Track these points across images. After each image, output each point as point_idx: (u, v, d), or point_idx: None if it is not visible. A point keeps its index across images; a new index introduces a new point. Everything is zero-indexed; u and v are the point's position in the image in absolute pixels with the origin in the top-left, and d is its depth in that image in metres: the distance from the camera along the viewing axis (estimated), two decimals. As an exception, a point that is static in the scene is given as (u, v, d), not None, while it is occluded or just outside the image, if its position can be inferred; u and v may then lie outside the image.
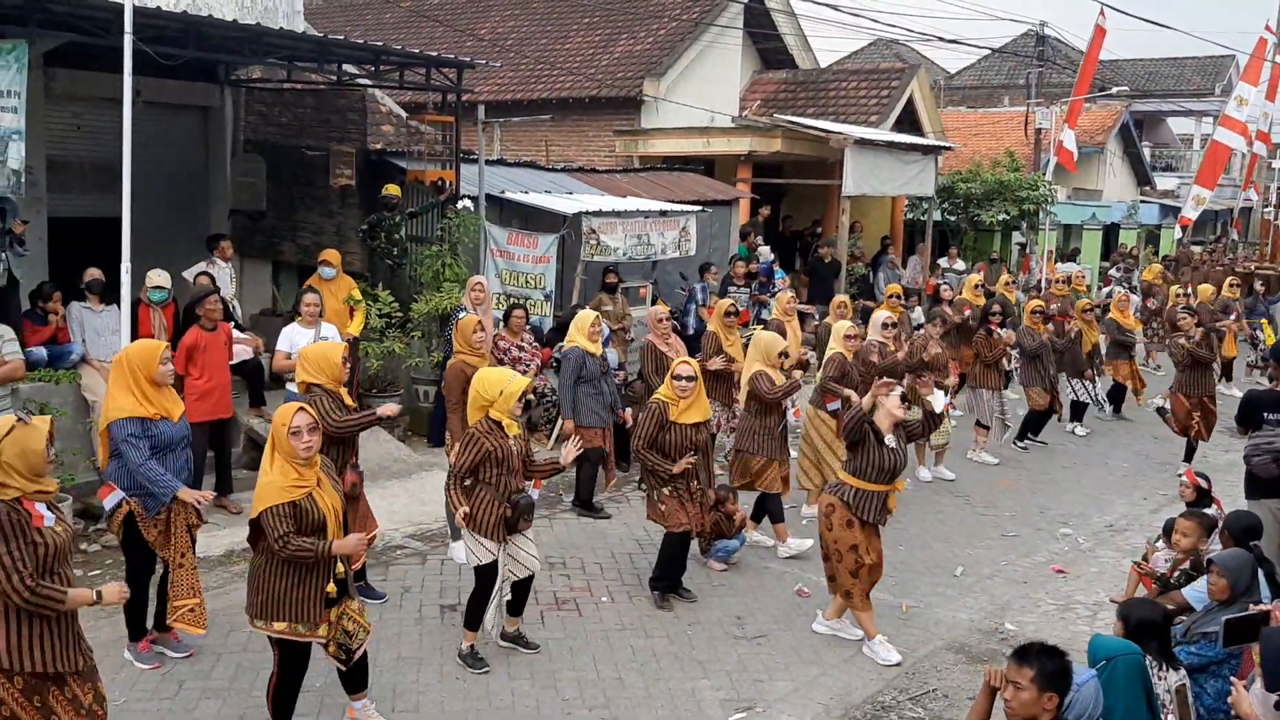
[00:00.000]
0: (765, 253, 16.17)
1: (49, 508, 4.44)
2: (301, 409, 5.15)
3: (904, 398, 6.81)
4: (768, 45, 22.02)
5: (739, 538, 8.31)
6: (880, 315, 10.28)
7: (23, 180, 8.31)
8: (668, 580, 7.53)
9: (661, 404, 7.23)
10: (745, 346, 9.42)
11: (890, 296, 12.71)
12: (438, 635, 6.89)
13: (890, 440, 6.72)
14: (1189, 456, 11.43)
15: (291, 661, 5.31)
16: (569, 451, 6.49)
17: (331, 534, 5.13)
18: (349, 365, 6.80)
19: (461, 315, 9.24)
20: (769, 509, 8.58)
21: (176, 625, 6.24)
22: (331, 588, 5.15)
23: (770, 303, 13.75)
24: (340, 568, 5.19)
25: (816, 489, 9.02)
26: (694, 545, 7.90)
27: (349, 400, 6.74)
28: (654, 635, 7.02)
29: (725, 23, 20.11)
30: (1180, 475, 8.52)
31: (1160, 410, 11.47)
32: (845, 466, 6.86)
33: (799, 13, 22.18)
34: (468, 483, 6.26)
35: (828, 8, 19.18)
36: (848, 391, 8.99)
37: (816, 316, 14.20)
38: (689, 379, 7.21)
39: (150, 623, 6.42)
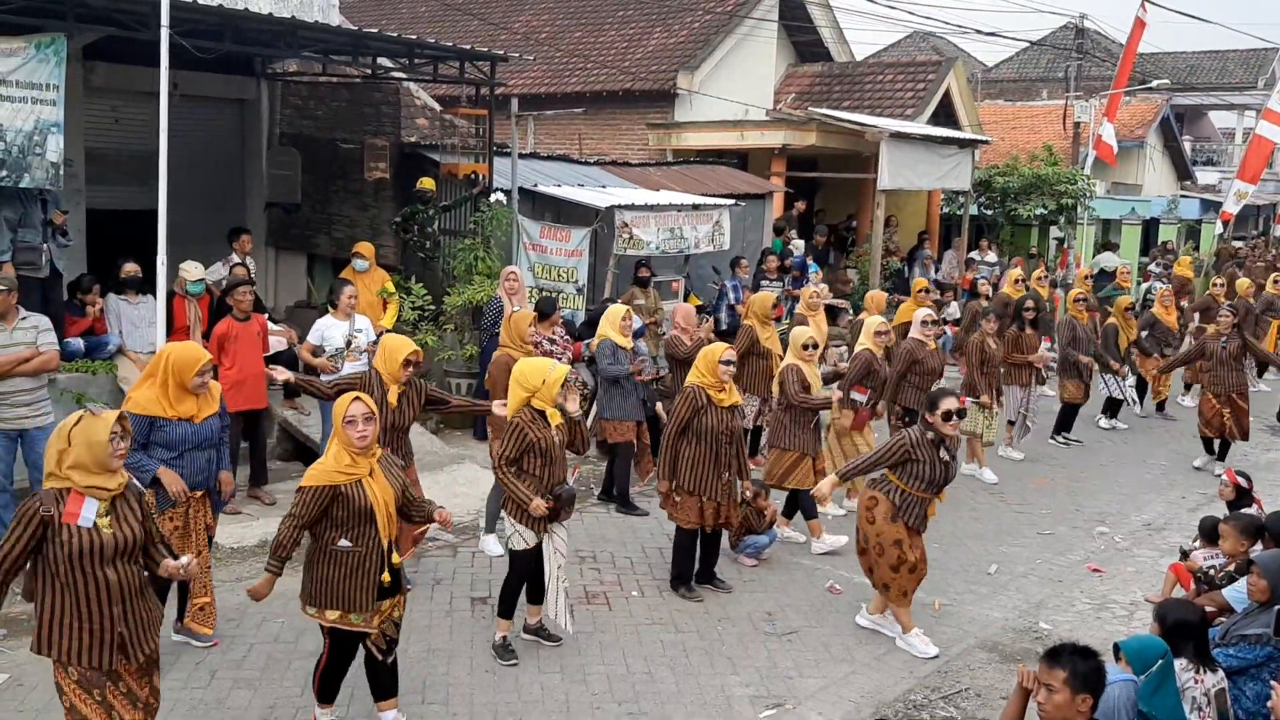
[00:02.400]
0: (799, 247, 16.08)
1: (114, 505, 4.45)
2: (358, 398, 5.19)
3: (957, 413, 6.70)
4: (802, 38, 21.88)
5: (770, 534, 8.28)
6: (921, 313, 10.19)
7: (61, 172, 8.41)
8: (682, 576, 7.53)
9: (697, 389, 7.22)
10: (783, 341, 9.38)
11: (919, 291, 12.58)
12: (468, 628, 6.90)
13: (945, 454, 6.68)
14: (1223, 455, 11.25)
15: (341, 649, 5.33)
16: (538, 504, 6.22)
17: (381, 526, 5.13)
18: (412, 369, 6.85)
19: (515, 309, 9.21)
20: (802, 505, 8.54)
21: (189, 625, 6.32)
22: (386, 577, 5.16)
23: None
24: (396, 558, 5.20)
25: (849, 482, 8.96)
26: (725, 539, 7.89)
27: (392, 396, 6.77)
28: (684, 630, 7.00)
29: (760, 15, 20.00)
30: (1220, 474, 8.39)
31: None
32: (892, 469, 6.81)
33: (834, 5, 22.02)
34: (512, 470, 6.26)
35: None
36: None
37: (850, 311, 14.09)
38: (729, 363, 7.24)
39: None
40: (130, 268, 9.35)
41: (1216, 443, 11.30)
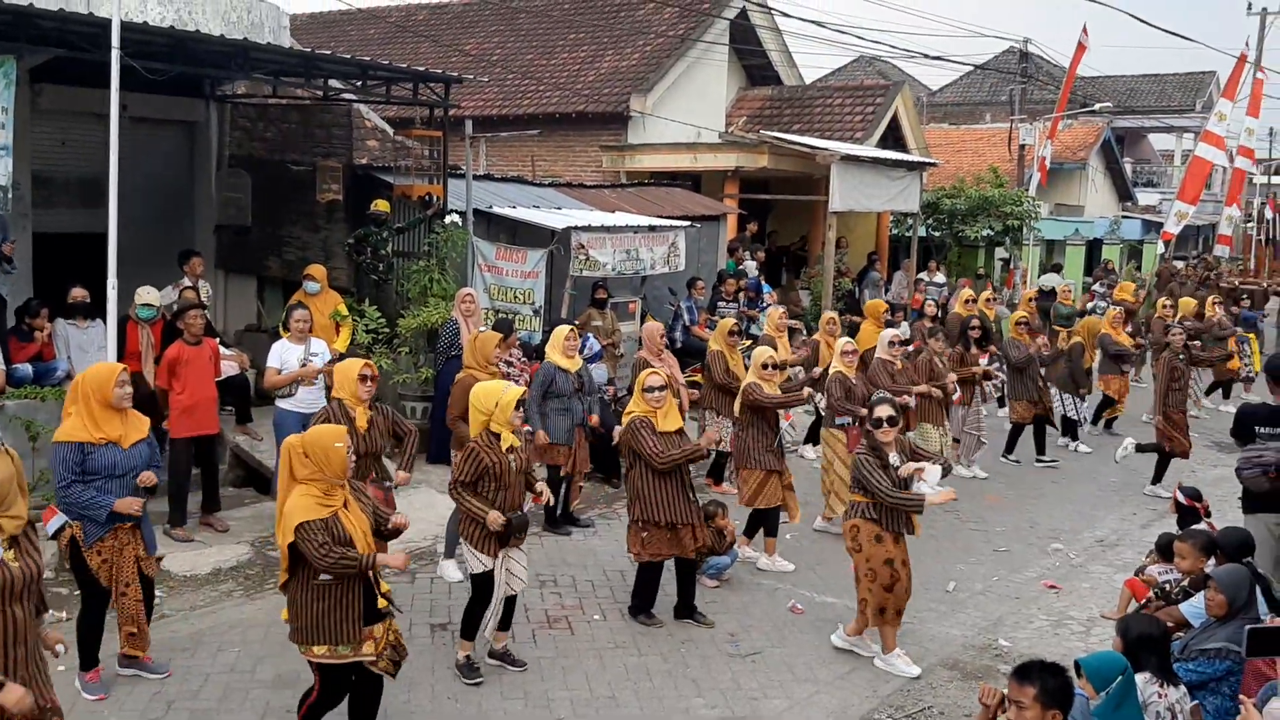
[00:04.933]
0: (751, 268, 16.18)
1: (12, 540, 4.18)
2: (342, 429, 5.16)
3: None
4: (753, 62, 22.09)
5: (730, 554, 8.28)
6: (888, 333, 10.30)
7: (8, 196, 8.24)
8: (644, 605, 7.48)
9: (642, 419, 7.19)
10: (745, 363, 9.42)
11: (882, 313, 12.69)
12: (428, 655, 6.81)
13: (895, 459, 6.74)
14: (1158, 476, 11.39)
15: (332, 684, 5.22)
16: (494, 516, 6.19)
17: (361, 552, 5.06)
18: (371, 384, 6.80)
19: (480, 330, 9.15)
20: (766, 522, 8.55)
21: (125, 651, 6.19)
22: (383, 602, 5.10)
23: (760, 318, 13.74)
24: (385, 585, 5.12)
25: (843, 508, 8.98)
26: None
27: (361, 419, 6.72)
28: (647, 653, 6.97)
29: (711, 39, 20.16)
30: (1167, 493, 8.53)
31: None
32: (854, 488, 6.86)
33: (784, 29, 22.29)
34: (467, 492, 6.22)
35: (813, 24, 19.29)
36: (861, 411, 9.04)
37: (804, 332, 14.19)
38: (660, 389, 7.22)
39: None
40: (78, 293, 9.20)
41: (1163, 462, 11.51)
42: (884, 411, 6.75)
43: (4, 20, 8.03)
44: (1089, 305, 19.92)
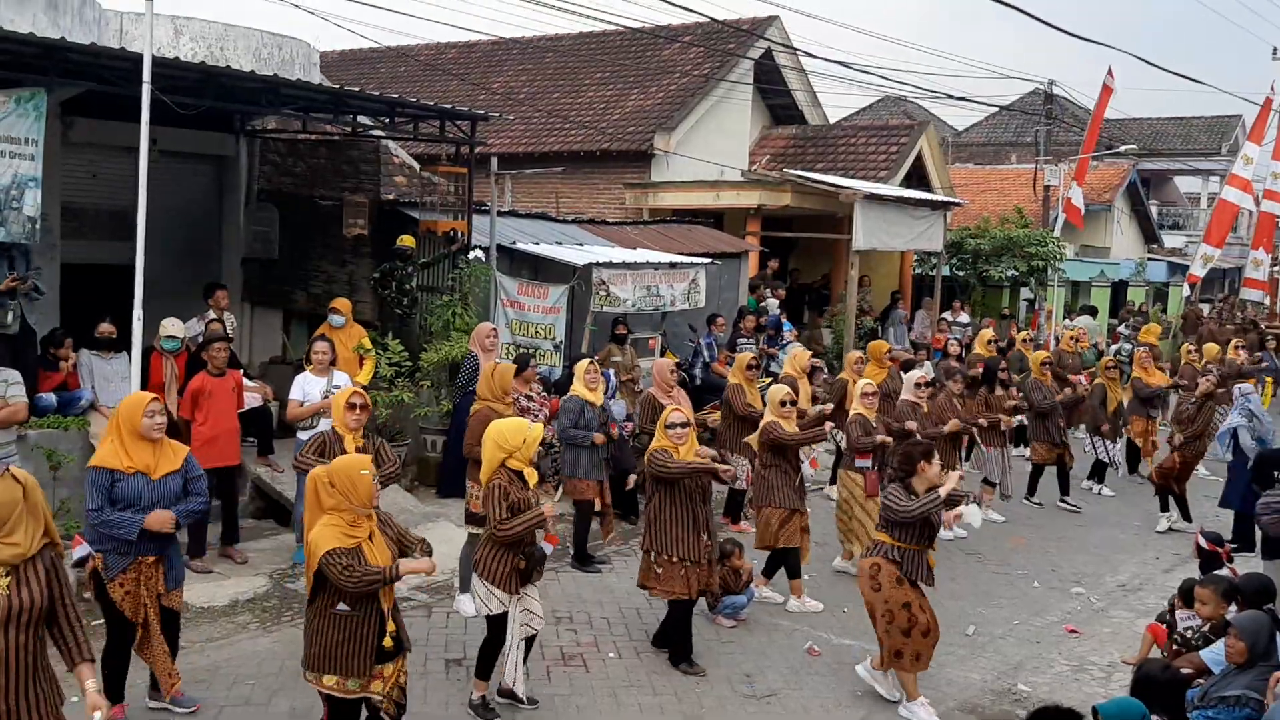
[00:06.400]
0: (773, 305, 16.19)
1: (17, 570, 4.13)
2: (368, 458, 5.23)
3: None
4: (777, 101, 22.22)
5: (747, 593, 8.23)
6: (914, 374, 10.26)
7: (38, 227, 8.36)
8: (685, 652, 7.36)
9: (664, 452, 7.18)
10: (763, 399, 9.41)
11: (885, 354, 12.56)
12: (443, 690, 6.79)
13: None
14: (1165, 505, 11.49)
15: (338, 716, 5.20)
16: (548, 507, 6.25)
17: (381, 590, 5.05)
18: (364, 412, 6.85)
19: (498, 362, 9.19)
20: (787, 564, 8.49)
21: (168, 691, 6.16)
22: (388, 641, 5.08)
23: (780, 355, 13.73)
24: (392, 624, 5.12)
25: (861, 549, 8.91)
26: (701, 601, 7.83)
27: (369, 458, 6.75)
28: (661, 693, 6.92)
29: (736, 79, 20.31)
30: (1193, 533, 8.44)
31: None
32: (881, 527, 6.81)
33: (809, 69, 22.40)
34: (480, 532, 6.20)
35: (838, 65, 19.37)
36: (881, 437, 9.01)
37: (825, 370, 14.15)
38: (683, 425, 7.21)
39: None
40: (105, 328, 9.29)
41: (1170, 498, 11.48)
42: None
43: (35, 53, 8.18)
44: (1115, 348, 19.79)
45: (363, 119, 12.20)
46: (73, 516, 7.94)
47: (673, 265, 13.64)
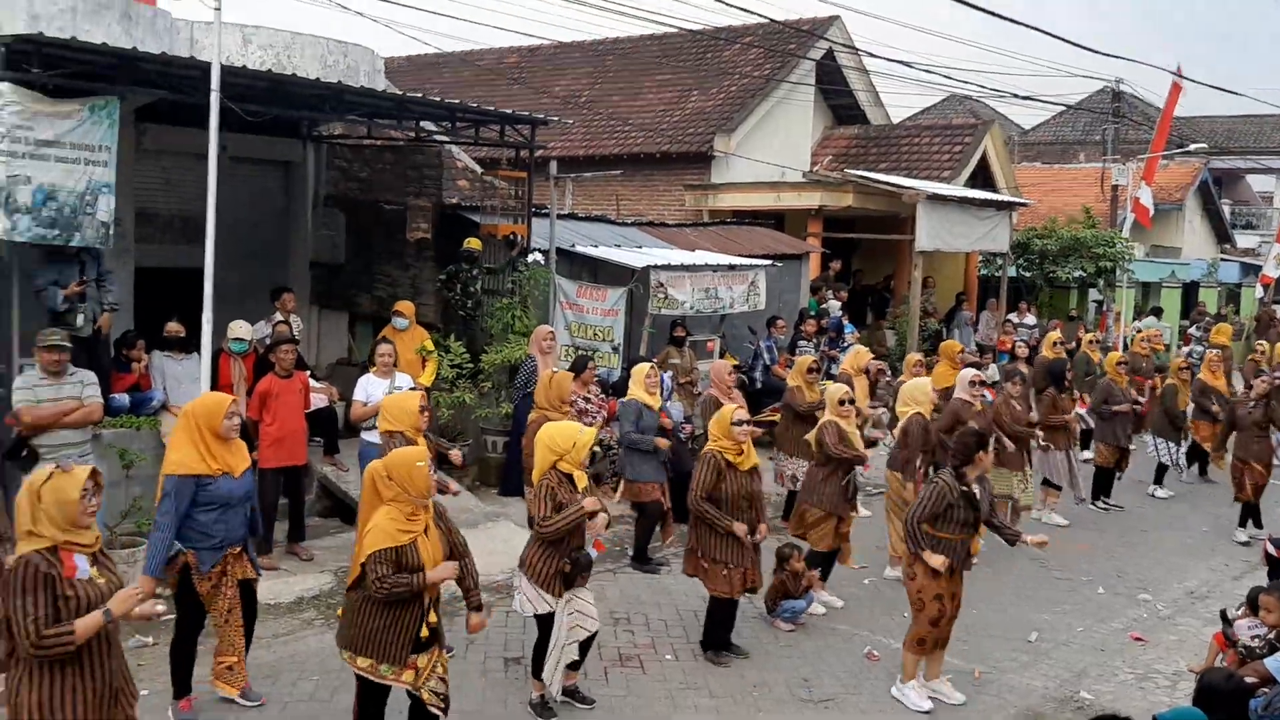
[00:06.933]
0: (834, 307, 16.10)
1: (94, 559, 4.35)
2: (424, 450, 5.34)
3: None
4: (840, 101, 22.10)
5: (806, 597, 8.20)
6: (968, 373, 10.16)
7: (111, 232, 8.59)
8: (716, 641, 7.47)
9: (716, 453, 7.20)
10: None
11: (957, 354, 12.45)
12: (502, 688, 6.87)
13: (978, 490, 6.71)
14: (1244, 519, 11.20)
15: (370, 699, 5.33)
16: (590, 501, 6.29)
17: None
18: (426, 414, 6.95)
19: (555, 370, 9.27)
20: (819, 562, 8.48)
21: (214, 685, 6.30)
22: (425, 631, 5.17)
23: (840, 358, 13.65)
24: (433, 616, 5.20)
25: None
26: (760, 602, 7.83)
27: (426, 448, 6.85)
28: (719, 696, 6.93)
29: (797, 79, 20.24)
30: (1263, 540, 8.26)
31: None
32: (931, 522, 6.79)
33: (871, 69, 22.24)
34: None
35: (900, 64, 19.21)
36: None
37: (888, 373, 14.05)
38: (748, 423, 7.26)
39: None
40: (173, 327, 9.52)
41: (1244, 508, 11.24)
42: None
43: (109, 63, 8.41)
44: (1185, 349, 19.39)
45: (426, 124, 12.35)
46: (144, 514, 8.14)
47: (732, 267, 13.64)
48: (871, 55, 22.77)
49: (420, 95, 11.41)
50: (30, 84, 7.79)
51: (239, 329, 9.63)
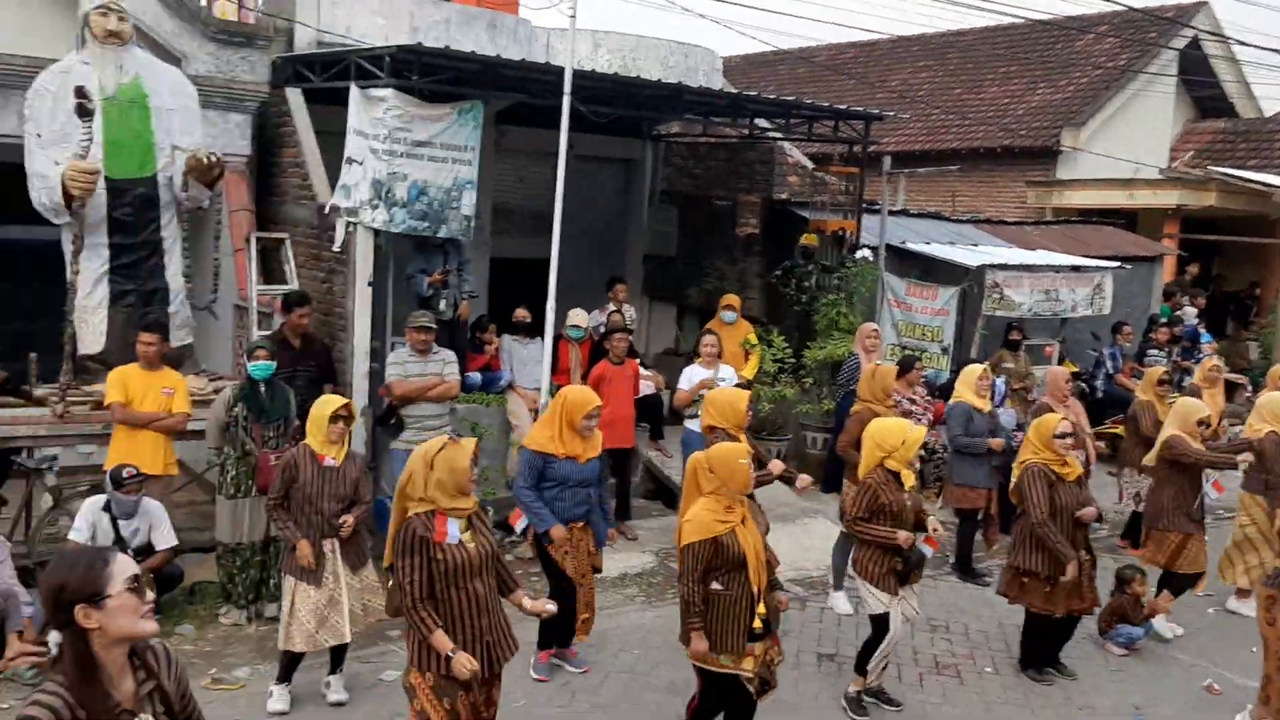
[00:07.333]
0: (1190, 314, 14.89)
1: (470, 522, 4.70)
2: (745, 447, 5.50)
3: None
4: (1204, 93, 20.38)
5: (1145, 625, 7.66)
6: None
7: (472, 225, 9.37)
8: (1036, 659, 7.13)
9: (1040, 467, 6.85)
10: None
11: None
12: (814, 682, 6.91)
13: None
14: None
15: (713, 690, 5.42)
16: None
17: (752, 573, 5.19)
18: (749, 414, 7.10)
19: (879, 364, 9.21)
20: (1172, 585, 7.85)
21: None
22: (758, 623, 5.26)
23: (1193, 369, 12.62)
24: (763, 607, 5.30)
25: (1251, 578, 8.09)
26: (1093, 623, 7.43)
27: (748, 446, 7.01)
28: (1039, 713, 6.64)
29: (1156, 70, 18.85)
30: None
31: None
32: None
33: (1242, 59, 20.34)
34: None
35: (1275, 53, 17.46)
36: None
37: (1249, 387, 12.85)
38: (1070, 435, 6.88)
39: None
40: (520, 313, 10.23)
41: None
42: None
43: (475, 70, 9.15)
44: None
45: (760, 121, 12.55)
46: (490, 485, 8.82)
47: (1075, 268, 12.92)
48: (1243, 44, 20.77)
49: (755, 93, 11.60)
50: (409, 90, 8.62)
51: (576, 317, 10.19)
